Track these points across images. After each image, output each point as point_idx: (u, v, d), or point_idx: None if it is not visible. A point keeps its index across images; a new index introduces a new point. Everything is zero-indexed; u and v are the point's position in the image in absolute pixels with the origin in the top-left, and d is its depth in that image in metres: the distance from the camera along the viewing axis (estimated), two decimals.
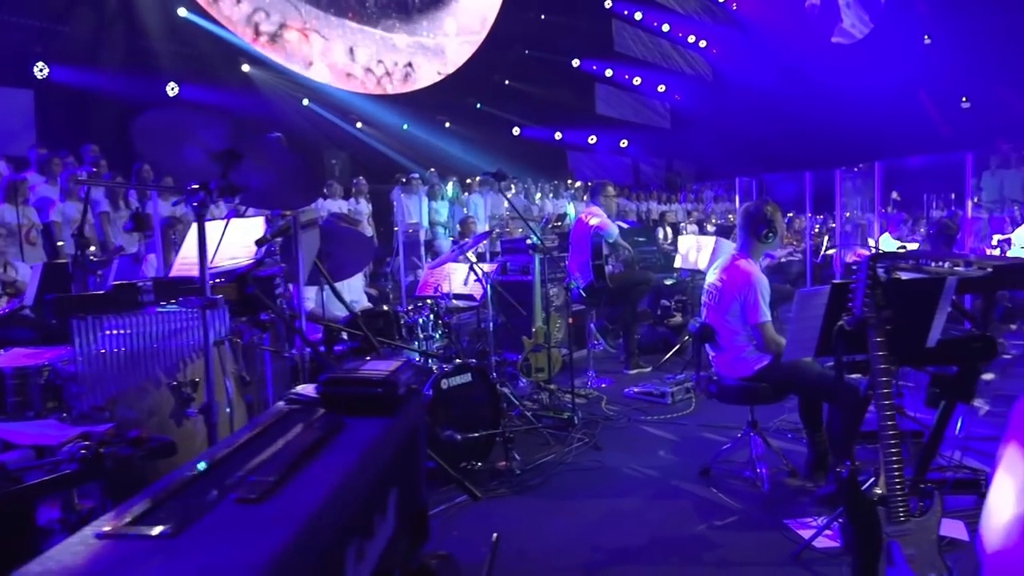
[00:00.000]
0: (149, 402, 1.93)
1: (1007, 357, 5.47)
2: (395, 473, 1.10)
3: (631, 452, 4.30)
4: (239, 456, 0.92)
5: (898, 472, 1.88)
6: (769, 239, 3.47)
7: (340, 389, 1.14)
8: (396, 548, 1.07)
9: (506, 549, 3.15)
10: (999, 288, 3.04)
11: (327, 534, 0.77)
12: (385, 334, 4.00)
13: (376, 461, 0.99)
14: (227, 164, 1.72)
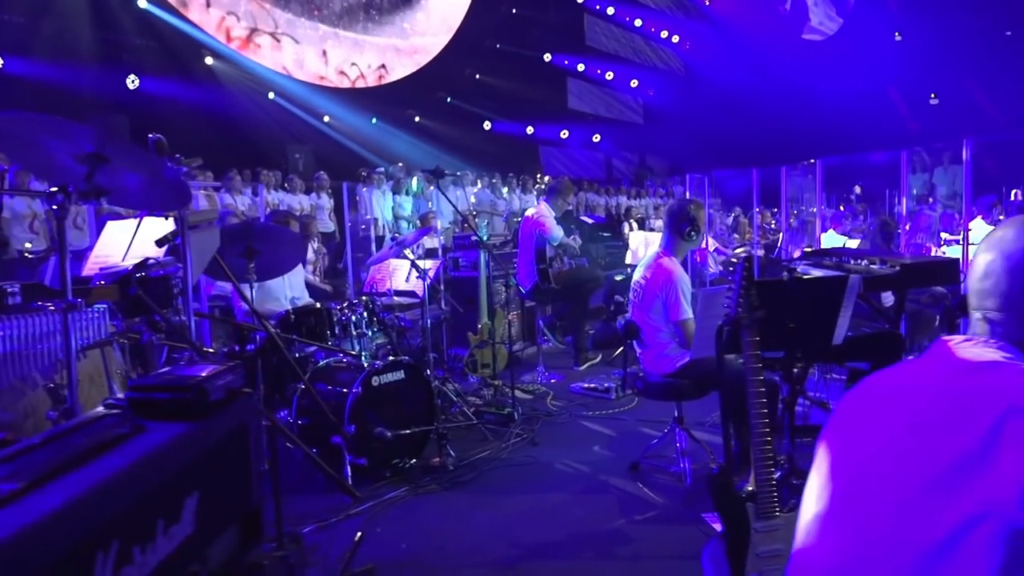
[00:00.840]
0: (25, 403, 1.93)
1: None
2: (200, 476, 1.11)
3: (566, 447, 4.34)
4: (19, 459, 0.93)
5: (768, 468, 1.92)
6: (692, 237, 3.52)
7: (146, 394, 1.15)
8: (195, 550, 1.09)
9: (426, 545, 3.18)
10: (907, 286, 3.10)
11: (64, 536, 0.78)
12: (317, 332, 4.00)
13: (166, 465, 1.00)
14: (93, 167, 1.71)
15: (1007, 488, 0.93)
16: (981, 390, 1.02)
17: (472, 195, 11.34)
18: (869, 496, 1.12)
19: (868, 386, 1.26)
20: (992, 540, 0.94)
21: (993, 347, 1.12)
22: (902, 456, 1.09)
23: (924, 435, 1.06)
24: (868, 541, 1.10)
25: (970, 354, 1.12)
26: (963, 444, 0.99)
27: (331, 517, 3.41)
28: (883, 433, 1.15)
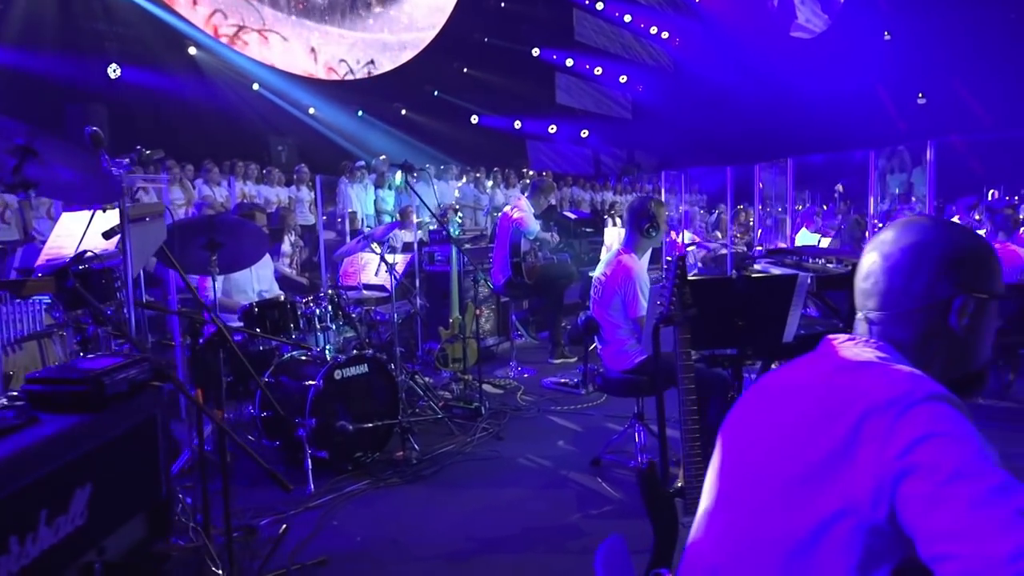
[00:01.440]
0: None
1: None
2: (95, 468, 1.12)
3: (531, 442, 4.36)
4: None
5: (698, 463, 1.94)
6: (651, 234, 3.53)
7: (43, 387, 1.16)
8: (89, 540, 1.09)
9: (380, 537, 3.20)
10: None
11: None
12: (280, 326, 4.00)
13: (52, 457, 1.01)
14: (22, 159, 1.71)
15: (863, 485, 0.95)
16: (847, 390, 1.05)
17: (456, 189, 11.34)
18: (749, 492, 1.14)
19: (762, 383, 1.29)
20: (850, 536, 0.96)
21: (871, 347, 1.14)
22: (777, 452, 1.11)
23: (797, 432, 1.08)
24: (746, 536, 1.12)
25: (848, 353, 1.14)
26: (828, 442, 1.01)
27: (289, 510, 3.43)
28: (763, 429, 1.17)
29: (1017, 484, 0.87)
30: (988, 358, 1.19)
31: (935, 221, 1.20)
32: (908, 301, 1.14)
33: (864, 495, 0.95)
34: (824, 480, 1.00)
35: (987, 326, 1.16)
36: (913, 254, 1.14)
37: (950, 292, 1.12)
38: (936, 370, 1.15)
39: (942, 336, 1.13)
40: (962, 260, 1.13)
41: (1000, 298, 1.16)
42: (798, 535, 1.02)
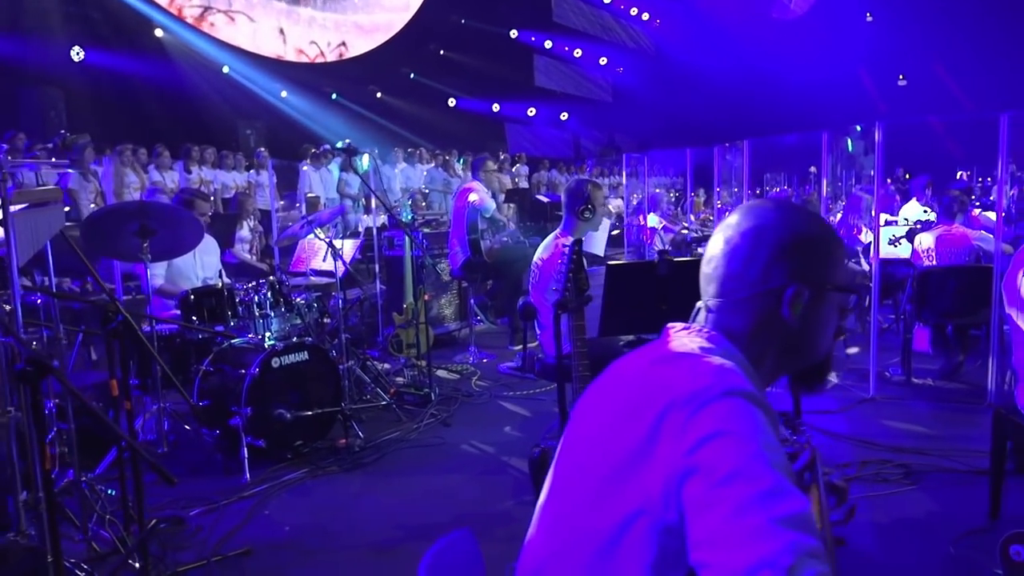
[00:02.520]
0: None
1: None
2: None
3: (478, 428, 4.33)
4: None
5: None
6: (586, 216, 3.49)
7: None
8: None
9: (309, 526, 3.17)
10: None
11: None
12: (218, 313, 3.94)
13: None
14: None
15: (657, 483, 0.91)
16: (656, 383, 1.00)
17: (424, 172, 11.23)
18: (570, 486, 1.11)
19: (607, 370, 1.24)
20: (647, 536, 0.93)
21: (701, 336, 1.09)
22: (594, 446, 1.07)
23: (611, 426, 1.04)
24: (565, 532, 1.08)
25: (676, 343, 1.10)
26: (634, 437, 0.97)
27: (222, 500, 3.39)
28: (588, 421, 1.13)
29: (788, 491, 0.82)
30: (828, 350, 1.14)
31: (779, 205, 1.14)
32: (742, 288, 1.08)
33: (657, 493, 0.91)
34: (628, 477, 0.96)
35: (826, 318, 1.11)
36: (751, 239, 1.09)
37: (783, 280, 1.06)
38: (771, 361, 1.11)
39: (775, 326, 1.08)
40: (799, 247, 1.08)
41: (842, 291, 1.12)
42: (605, 534, 0.98)
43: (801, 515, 0.79)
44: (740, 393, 0.92)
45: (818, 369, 1.16)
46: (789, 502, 0.80)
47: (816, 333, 1.11)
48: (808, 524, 0.79)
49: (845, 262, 1.13)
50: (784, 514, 0.79)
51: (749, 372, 1.05)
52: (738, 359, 1.06)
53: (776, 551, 0.76)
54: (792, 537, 0.77)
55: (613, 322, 2.73)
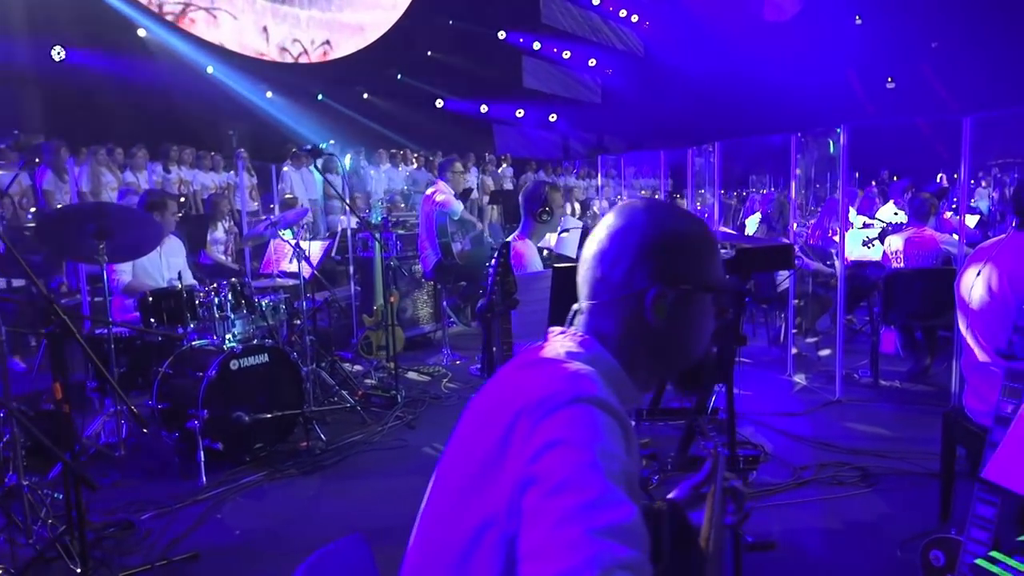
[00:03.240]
0: None
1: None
2: None
3: (442, 431, 4.31)
4: None
5: None
6: (543, 219, 3.48)
7: None
8: None
9: (261, 530, 3.15)
10: (746, 270, 3.08)
11: None
12: (176, 315, 3.91)
13: None
14: None
15: (505, 493, 0.89)
16: (514, 388, 0.98)
17: (407, 173, 11.21)
18: (438, 494, 1.09)
19: (491, 377, 1.22)
20: (495, 547, 0.90)
21: (573, 340, 1.07)
22: (458, 454, 1.05)
23: (474, 432, 1.03)
24: (430, 542, 1.07)
25: (547, 348, 1.08)
26: (489, 445, 0.95)
27: (175, 503, 3.36)
28: (462, 428, 1.11)
29: (615, 501, 0.79)
30: (703, 353, 1.11)
31: (648, 205, 1.11)
32: (608, 291, 1.06)
33: (504, 503, 0.88)
34: (482, 486, 0.94)
35: (697, 320, 1.08)
36: (617, 240, 1.07)
37: (645, 283, 1.04)
38: (644, 365, 1.08)
39: (642, 330, 1.05)
40: (663, 248, 1.05)
41: (714, 291, 1.09)
42: (461, 544, 0.96)
43: (622, 525, 0.77)
44: (588, 400, 0.90)
45: (698, 372, 1.14)
46: (611, 512, 0.78)
47: (687, 336, 1.08)
48: (628, 535, 0.77)
49: (718, 262, 1.09)
50: (603, 525, 0.76)
51: (617, 377, 1.04)
52: (608, 364, 1.04)
53: (582, 562, 0.73)
54: (603, 547, 0.75)
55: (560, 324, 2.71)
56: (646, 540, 0.79)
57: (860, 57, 20.72)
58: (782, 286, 5.44)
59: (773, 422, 4.23)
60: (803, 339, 5.87)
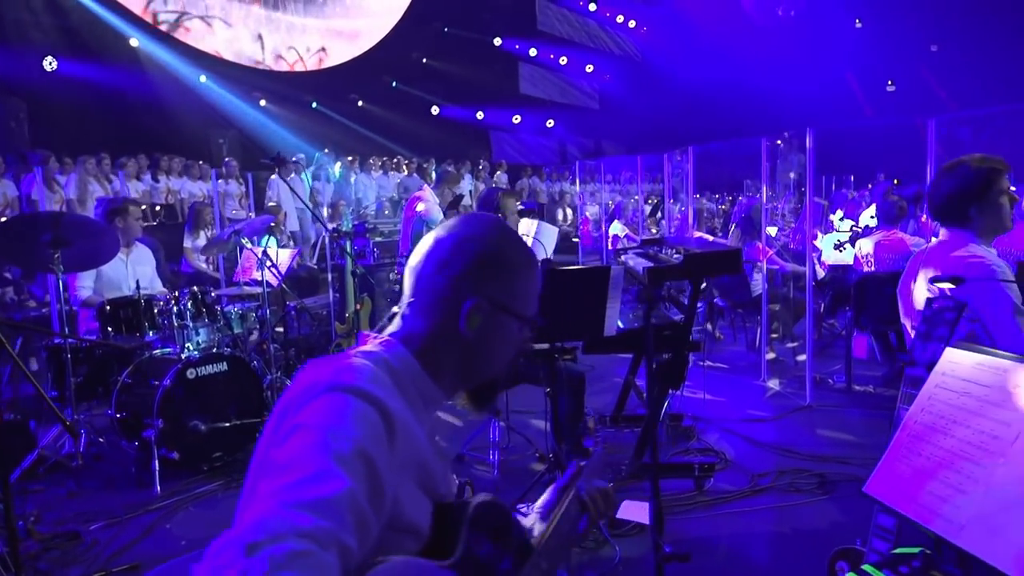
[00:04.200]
0: None
1: None
2: None
3: None
4: None
5: None
6: None
7: None
8: None
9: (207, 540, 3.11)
10: (695, 275, 3.05)
11: None
12: (135, 324, 3.90)
13: None
14: None
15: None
16: (295, 383, 0.98)
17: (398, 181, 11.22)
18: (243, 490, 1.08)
19: None
20: None
21: (376, 343, 1.06)
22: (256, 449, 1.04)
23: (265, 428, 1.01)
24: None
25: (356, 349, 1.06)
26: (265, 435, 0.95)
27: (126, 514, 3.35)
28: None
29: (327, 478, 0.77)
30: (499, 372, 1.13)
31: (489, 221, 1.13)
32: (430, 292, 1.07)
33: None
34: (254, 476, 0.93)
35: (502, 339, 1.10)
36: (451, 245, 1.08)
37: (466, 293, 1.05)
38: (450, 373, 1.09)
39: (453, 337, 1.06)
40: (491, 264, 1.08)
41: (522, 320, 1.10)
42: None
43: (320, 500, 0.75)
44: (343, 388, 0.90)
45: (488, 389, 1.15)
46: (315, 488, 0.76)
47: (491, 352, 1.10)
48: (324, 508, 0.74)
49: (534, 294, 1.12)
50: (297, 499, 0.74)
51: (413, 376, 1.03)
52: (404, 361, 1.03)
53: (253, 527, 0.71)
54: (285, 517, 0.72)
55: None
56: (350, 515, 0.77)
57: (860, 60, 20.65)
58: (756, 291, 5.40)
59: (740, 428, 4.18)
60: (782, 344, 5.82)
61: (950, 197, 2.37)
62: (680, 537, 3.01)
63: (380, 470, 0.84)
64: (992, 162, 2.35)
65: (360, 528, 0.77)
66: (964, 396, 1.29)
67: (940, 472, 1.25)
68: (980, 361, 1.30)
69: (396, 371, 1.01)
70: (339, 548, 0.73)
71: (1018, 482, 1.11)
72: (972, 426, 1.24)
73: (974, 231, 2.32)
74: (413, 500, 0.96)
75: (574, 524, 1.29)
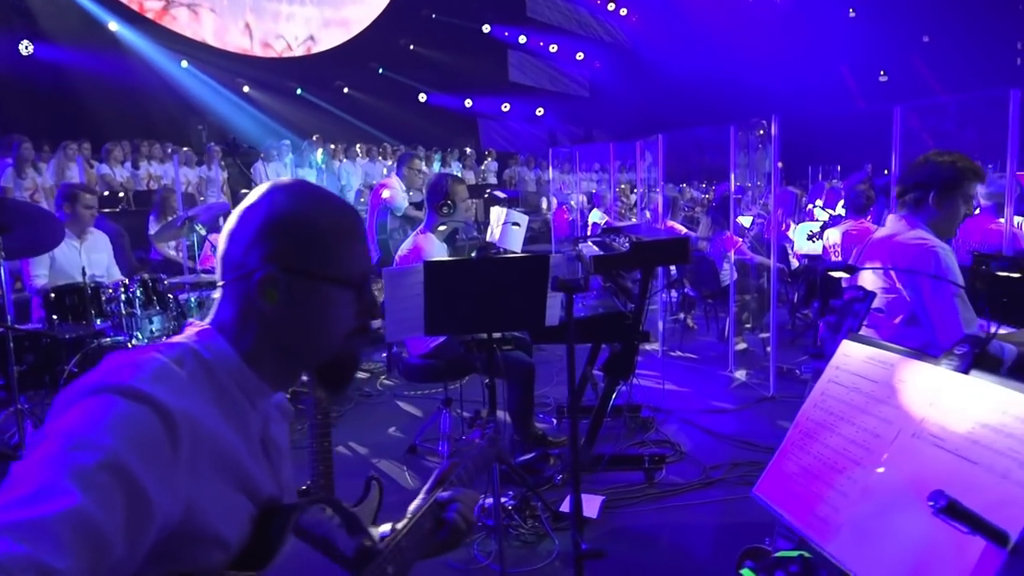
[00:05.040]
0: None
1: None
2: None
3: (362, 430, 4.24)
4: None
5: (323, 466, 1.81)
6: (445, 211, 3.39)
7: None
8: None
9: None
10: (643, 264, 2.98)
11: None
12: (80, 312, 3.82)
13: None
14: None
15: None
16: None
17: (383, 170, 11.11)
18: None
19: None
20: None
21: (191, 333, 0.97)
22: None
23: None
24: None
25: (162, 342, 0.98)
26: None
27: None
28: None
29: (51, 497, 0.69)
30: (335, 347, 1.00)
31: (289, 186, 1.01)
32: (230, 271, 0.97)
33: None
34: None
35: (322, 312, 0.98)
36: (243, 217, 0.98)
37: (256, 264, 0.94)
38: (267, 355, 0.97)
39: (258, 316, 0.96)
40: (284, 231, 0.95)
41: (344, 285, 0.98)
42: None
43: (32, 521, 0.67)
44: (116, 390, 0.80)
45: (334, 369, 1.02)
46: (30, 508, 0.68)
47: (310, 328, 0.98)
48: (33, 531, 0.66)
49: (355, 256, 1.00)
50: (8, 521, 0.67)
51: (230, 368, 0.94)
52: (220, 354, 0.94)
53: None
54: None
55: (436, 320, 2.61)
56: (72, 536, 0.68)
57: (853, 51, 20.55)
58: (726, 281, 5.33)
59: (700, 419, 4.13)
60: (754, 334, 5.77)
61: (923, 178, 2.38)
62: (625, 530, 2.96)
63: (142, 479, 0.75)
64: (973, 165, 2.37)
65: (93, 549, 0.69)
66: (853, 392, 1.22)
67: (825, 472, 1.19)
68: (871, 355, 1.23)
69: (207, 362, 0.92)
70: (39, 574, 0.65)
71: (891, 486, 1.04)
72: (858, 424, 1.17)
73: (924, 219, 2.29)
74: (219, 506, 0.87)
75: (432, 532, 1.20)
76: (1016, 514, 0.88)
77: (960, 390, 1.04)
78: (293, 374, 1.03)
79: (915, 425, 1.07)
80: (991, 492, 0.91)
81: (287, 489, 1.09)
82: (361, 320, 1.02)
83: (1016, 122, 3.41)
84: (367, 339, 1.06)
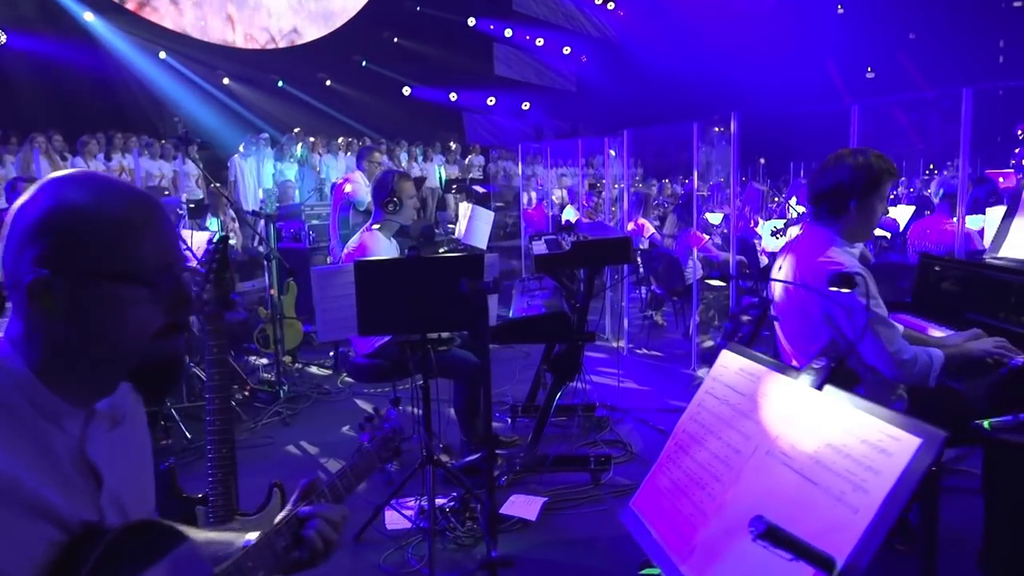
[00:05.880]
0: None
1: None
2: None
3: (316, 428, 4.19)
4: None
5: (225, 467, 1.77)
6: (391, 209, 3.34)
7: None
8: None
9: None
10: (583, 264, 2.95)
11: None
12: None
13: None
14: None
15: None
16: None
17: None
18: None
19: None
20: None
21: None
22: None
23: None
24: None
25: None
26: None
27: None
28: None
29: None
30: (139, 349, 0.93)
31: (65, 177, 0.92)
32: (6, 279, 0.89)
33: None
34: None
35: (112, 312, 0.90)
36: (15, 218, 0.89)
37: (27, 269, 0.86)
38: (64, 369, 0.90)
39: (44, 325, 0.88)
40: (53, 228, 0.87)
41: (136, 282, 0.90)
42: None
43: None
44: None
45: (153, 374, 0.96)
46: None
47: (100, 334, 0.90)
48: None
49: (145, 246, 0.91)
50: None
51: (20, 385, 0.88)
52: (7, 373, 0.88)
53: None
54: None
55: (370, 321, 2.57)
56: None
57: (840, 47, 20.55)
58: (691, 278, 5.30)
59: (656, 419, 4.09)
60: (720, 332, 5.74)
61: (840, 184, 2.25)
62: (565, 531, 2.93)
63: None
64: (888, 164, 2.25)
65: None
66: (723, 404, 1.19)
67: (691, 488, 1.15)
68: (743, 366, 1.20)
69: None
70: None
71: (742, 505, 1.01)
72: (723, 438, 1.14)
73: (840, 229, 2.20)
74: (8, 534, 0.81)
75: (286, 550, 1.14)
76: (846, 538, 0.84)
77: (813, 407, 1.00)
78: (101, 384, 0.95)
79: (770, 442, 1.03)
80: (826, 515, 0.88)
81: (133, 505, 1.04)
82: (171, 317, 0.95)
83: (969, 121, 3.39)
84: (180, 337, 0.97)
